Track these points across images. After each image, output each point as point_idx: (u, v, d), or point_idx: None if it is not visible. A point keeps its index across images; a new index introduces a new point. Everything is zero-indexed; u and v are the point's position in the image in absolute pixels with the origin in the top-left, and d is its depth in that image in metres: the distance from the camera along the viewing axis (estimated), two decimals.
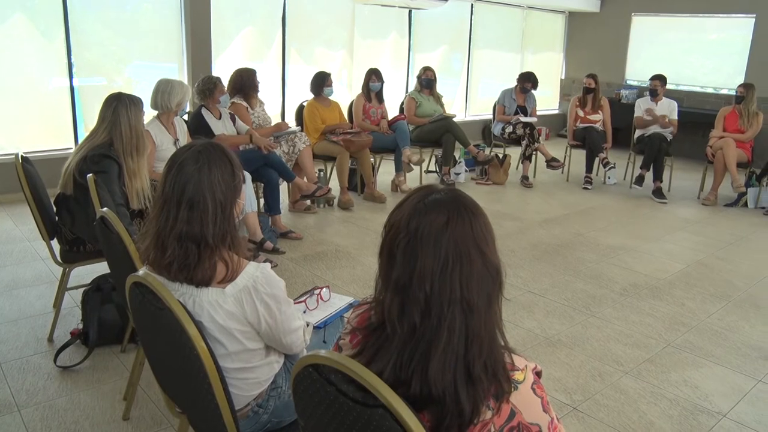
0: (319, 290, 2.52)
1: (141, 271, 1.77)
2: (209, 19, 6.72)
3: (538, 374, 1.30)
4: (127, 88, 6.23)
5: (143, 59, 6.71)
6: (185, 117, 5.02)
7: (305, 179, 5.53)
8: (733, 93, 7.43)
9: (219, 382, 1.66)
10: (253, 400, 1.90)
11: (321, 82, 6.04)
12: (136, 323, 1.97)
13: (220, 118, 4.97)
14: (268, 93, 7.02)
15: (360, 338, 1.32)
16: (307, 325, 2.00)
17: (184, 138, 4.41)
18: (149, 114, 4.06)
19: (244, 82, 5.43)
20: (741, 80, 8.38)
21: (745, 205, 6.90)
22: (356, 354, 1.29)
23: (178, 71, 6.77)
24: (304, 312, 2.39)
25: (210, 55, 6.81)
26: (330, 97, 6.18)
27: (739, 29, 9.32)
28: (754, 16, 9.06)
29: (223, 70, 6.49)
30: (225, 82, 5.19)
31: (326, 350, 1.31)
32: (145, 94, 4.05)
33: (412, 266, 1.20)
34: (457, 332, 1.18)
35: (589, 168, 7.45)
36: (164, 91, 4.22)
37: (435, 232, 1.19)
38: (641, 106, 7.45)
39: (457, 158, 7.28)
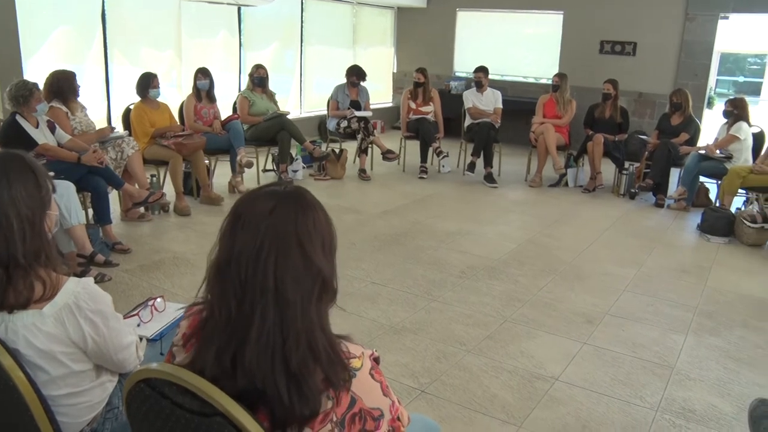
0: (152, 301, 2.40)
1: None
2: (15, 14, 6.13)
3: (375, 360, 1.31)
4: None
5: None
6: None
7: (136, 186, 5.25)
8: (550, 82, 8.01)
9: (43, 413, 1.53)
10: (86, 426, 1.78)
11: (146, 83, 5.75)
12: None
13: (37, 127, 4.58)
14: (90, 97, 6.56)
15: (193, 342, 1.28)
16: (141, 340, 1.90)
17: None
18: None
19: (62, 86, 5.01)
20: (556, 70, 9.03)
21: (566, 184, 7.49)
22: (191, 361, 1.24)
23: None
24: (138, 325, 2.26)
25: (19, 55, 6.23)
26: (158, 99, 5.91)
27: (550, 25, 10.06)
28: (562, 12, 9.83)
29: (36, 72, 5.98)
30: (41, 87, 4.77)
31: (157, 362, 1.26)
32: None
33: (231, 248, 1.21)
34: (271, 322, 1.18)
35: (423, 158, 7.71)
36: None
37: (257, 217, 1.21)
38: (469, 98, 7.84)
39: (293, 155, 7.24)
